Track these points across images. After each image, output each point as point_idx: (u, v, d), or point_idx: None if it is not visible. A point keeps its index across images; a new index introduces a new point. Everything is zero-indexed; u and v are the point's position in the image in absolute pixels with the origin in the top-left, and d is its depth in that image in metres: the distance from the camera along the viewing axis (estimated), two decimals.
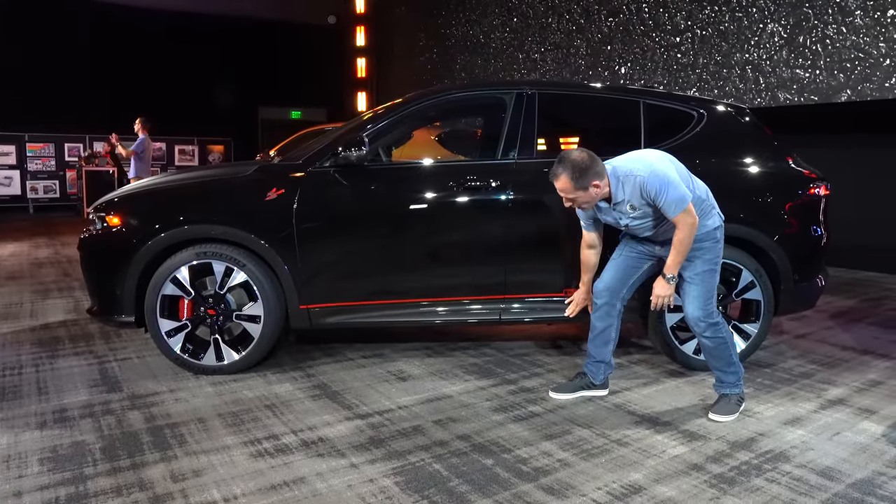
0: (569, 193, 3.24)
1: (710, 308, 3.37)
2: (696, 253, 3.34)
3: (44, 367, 4.14)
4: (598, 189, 3.23)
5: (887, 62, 6.61)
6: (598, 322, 3.65)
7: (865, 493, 2.70)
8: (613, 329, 3.66)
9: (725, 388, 3.51)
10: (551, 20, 10.78)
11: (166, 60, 15.90)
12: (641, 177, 3.19)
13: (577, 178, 3.18)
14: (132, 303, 3.90)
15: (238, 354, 3.96)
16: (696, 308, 3.37)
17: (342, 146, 3.88)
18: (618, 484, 2.75)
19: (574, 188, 3.21)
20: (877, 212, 7.84)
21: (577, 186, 3.20)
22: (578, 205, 3.32)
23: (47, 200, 15.49)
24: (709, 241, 3.36)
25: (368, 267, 4.03)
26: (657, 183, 3.16)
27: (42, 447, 3.03)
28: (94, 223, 4.04)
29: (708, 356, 3.51)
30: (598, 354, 3.69)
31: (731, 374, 3.49)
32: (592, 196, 3.25)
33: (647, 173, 3.18)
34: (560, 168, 3.21)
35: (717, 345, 3.43)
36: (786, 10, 7.46)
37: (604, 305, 3.60)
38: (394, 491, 2.67)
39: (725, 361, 3.46)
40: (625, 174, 3.24)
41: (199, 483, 2.72)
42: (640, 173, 3.20)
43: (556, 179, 3.24)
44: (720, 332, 3.41)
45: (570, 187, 3.21)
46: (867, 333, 5.16)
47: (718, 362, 3.48)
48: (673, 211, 3.17)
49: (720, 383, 3.53)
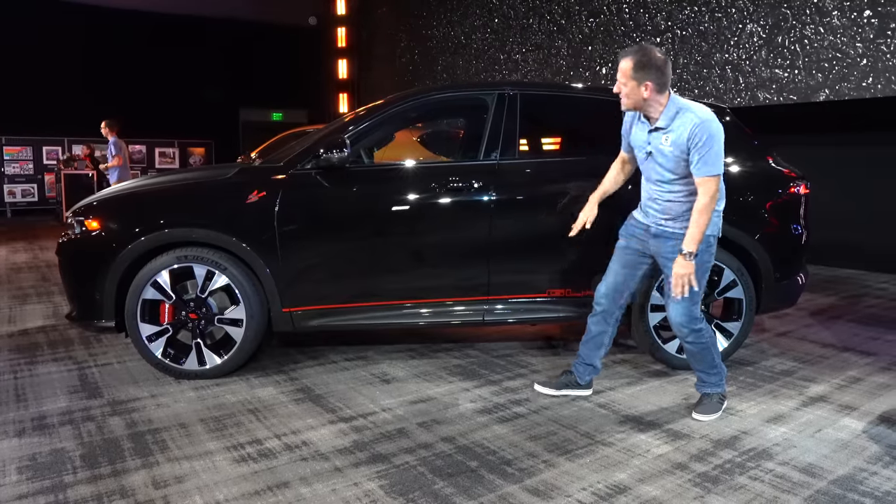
0: (623, 77, 3.21)
1: (693, 313, 3.35)
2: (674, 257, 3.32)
3: (22, 374, 4.09)
4: (647, 92, 3.17)
5: (864, 62, 6.68)
6: (593, 326, 3.66)
7: (847, 489, 2.72)
8: (607, 335, 3.67)
9: (707, 387, 3.53)
10: (532, 21, 10.80)
11: (146, 62, 15.78)
12: (699, 120, 3.12)
13: (638, 68, 3.16)
14: (112, 307, 3.86)
15: (220, 358, 3.93)
16: (679, 314, 3.35)
17: (324, 148, 3.85)
18: (602, 484, 2.75)
19: (631, 75, 3.18)
20: (856, 209, 7.94)
21: (633, 75, 3.18)
22: (625, 95, 3.24)
23: (25, 204, 15.32)
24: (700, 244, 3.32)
25: (351, 269, 4.01)
26: (706, 134, 3.10)
27: (21, 455, 2.98)
28: (73, 227, 3.99)
29: (690, 358, 3.53)
30: (588, 357, 3.71)
31: (713, 376, 3.51)
32: (639, 95, 3.19)
33: (704, 120, 3.12)
34: (632, 51, 3.20)
35: (699, 349, 3.44)
36: (764, 11, 7.53)
37: (602, 312, 3.61)
38: (378, 494, 2.66)
39: (708, 364, 3.48)
40: (685, 108, 3.19)
41: (182, 489, 2.69)
42: (700, 116, 3.14)
43: (623, 58, 3.22)
44: (702, 338, 3.41)
45: (628, 72, 3.18)
46: (847, 330, 5.21)
47: (701, 364, 3.50)
48: (702, 170, 3.11)
49: (702, 383, 3.55)
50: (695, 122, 3.12)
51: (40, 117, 14.72)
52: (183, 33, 16.25)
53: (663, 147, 3.23)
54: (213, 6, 16.23)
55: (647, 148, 3.32)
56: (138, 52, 15.73)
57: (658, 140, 3.25)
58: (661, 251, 3.38)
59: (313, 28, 17.15)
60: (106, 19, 15.36)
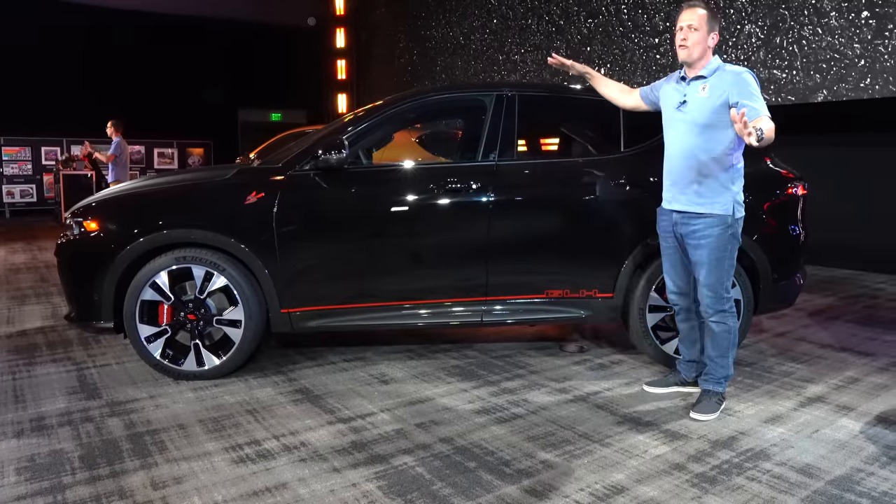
0: (697, 23, 3.29)
1: (719, 293, 3.42)
2: (703, 241, 3.37)
3: (21, 375, 4.09)
4: (713, 42, 3.33)
5: (862, 63, 6.69)
6: (681, 324, 3.74)
7: (844, 489, 2.73)
8: (697, 329, 3.71)
9: (710, 382, 3.54)
10: (531, 22, 10.81)
11: (145, 62, 15.76)
12: (741, 69, 3.30)
13: (710, 20, 3.32)
14: (111, 308, 3.86)
15: (219, 359, 3.93)
16: (709, 296, 3.43)
17: (322, 149, 3.86)
18: (600, 485, 2.76)
19: (704, 23, 3.30)
20: (854, 210, 7.95)
21: (707, 25, 3.30)
22: (692, 43, 3.30)
23: (24, 205, 15.30)
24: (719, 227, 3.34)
25: (350, 270, 4.02)
26: (754, 86, 3.23)
27: (19, 456, 2.98)
28: (71, 228, 3.99)
29: (710, 345, 3.54)
30: (688, 354, 3.78)
31: (720, 368, 3.51)
32: (704, 45, 3.31)
33: (745, 70, 3.29)
34: (697, 2, 3.34)
35: (721, 331, 3.47)
36: (763, 12, 7.54)
37: (682, 311, 3.69)
38: (377, 495, 2.66)
39: (722, 351, 3.50)
40: (728, 67, 3.33)
41: (180, 490, 2.69)
42: (741, 69, 3.31)
43: (691, 7, 3.32)
44: (727, 320, 3.47)
45: (704, 19, 3.29)
46: (845, 331, 5.22)
47: (716, 350, 3.51)
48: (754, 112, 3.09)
49: (707, 376, 3.56)
50: (741, 73, 3.26)
51: (39, 118, 14.70)
52: (182, 34, 16.24)
53: (700, 95, 3.34)
54: (212, 7, 16.22)
55: (681, 98, 3.40)
56: (137, 52, 15.72)
57: (696, 89, 3.36)
58: (687, 233, 3.44)
59: (312, 29, 17.14)
60: (105, 19, 15.34)
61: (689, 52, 3.33)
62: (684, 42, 3.32)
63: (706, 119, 3.31)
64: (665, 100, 3.54)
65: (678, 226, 3.47)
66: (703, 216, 3.37)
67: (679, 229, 3.48)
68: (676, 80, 3.49)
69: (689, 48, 3.32)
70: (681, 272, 3.61)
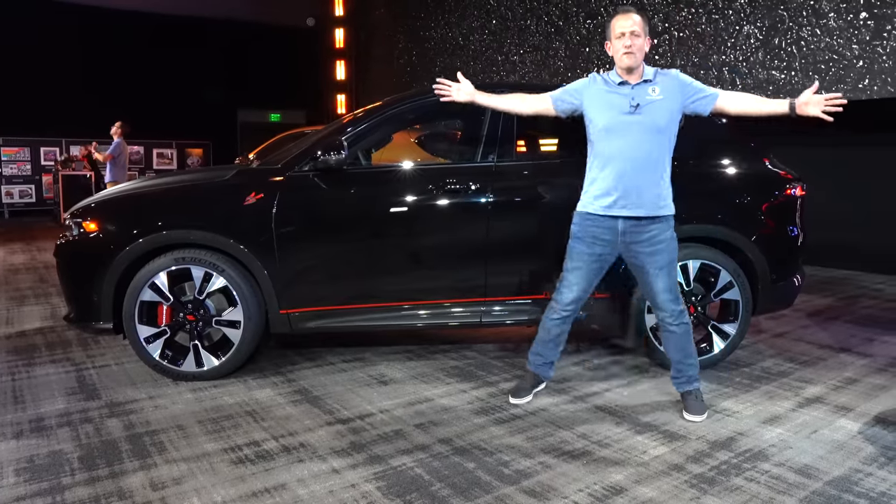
0: (638, 29, 3.30)
1: (678, 293, 3.44)
2: (660, 246, 3.35)
3: (20, 376, 4.09)
4: (648, 46, 3.37)
5: (860, 63, 6.70)
6: (555, 328, 3.62)
7: (842, 490, 2.73)
8: (567, 332, 3.67)
9: (687, 383, 3.54)
10: (530, 22, 10.81)
11: (144, 63, 15.77)
12: (676, 71, 3.44)
13: (645, 25, 3.35)
14: (110, 309, 3.86)
15: (218, 360, 3.93)
16: (670, 300, 3.41)
17: (321, 150, 3.86)
18: (599, 485, 2.76)
19: (643, 29, 3.32)
20: (852, 211, 7.95)
21: (644, 30, 3.33)
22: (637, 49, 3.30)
23: (23, 205, 15.30)
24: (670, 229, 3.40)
25: (349, 271, 4.02)
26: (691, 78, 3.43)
27: (18, 457, 2.99)
28: (70, 229, 3.99)
29: (674, 349, 3.51)
30: (552, 356, 3.70)
31: (691, 367, 3.53)
32: (644, 48, 3.34)
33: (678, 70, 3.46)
34: (632, 7, 3.38)
35: (683, 331, 3.46)
36: (761, 13, 7.54)
37: (569, 315, 3.58)
38: (376, 496, 2.66)
39: (688, 351, 3.50)
40: (659, 70, 3.42)
41: (180, 491, 2.70)
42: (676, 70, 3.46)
43: (629, 13, 3.33)
44: (686, 319, 3.47)
45: (642, 26, 3.32)
46: (844, 331, 5.22)
47: (683, 352, 3.50)
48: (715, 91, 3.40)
49: (683, 378, 3.54)
50: (672, 72, 3.42)
51: (38, 118, 14.70)
52: (181, 34, 16.24)
53: (653, 97, 3.33)
54: (211, 7, 16.22)
55: (630, 102, 3.33)
56: (136, 52, 15.72)
57: (645, 92, 3.34)
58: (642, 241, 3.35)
59: (311, 29, 17.14)
60: (105, 20, 15.35)
61: (636, 57, 3.30)
62: (630, 49, 3.29)
63: (666, 121, 3.33)
64: (602, 106, 3.39)
65: (627, 234, 3.36)
66: (658, 220, 3.34)
67: (628, 237, 3.37)
68: (613, 85, 3.38)
69: (636, 54, 3.29)
70: (591, 280, 3.51)
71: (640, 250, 3.37)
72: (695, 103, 3.39)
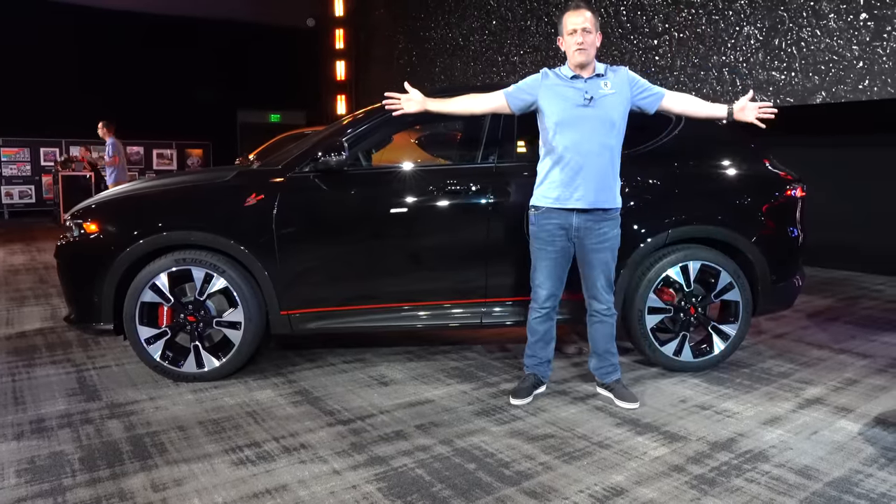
0: (589, 26, 3.37)
1: (612, 286, 3.61)
2: (607, 244, 3.50)
3: (20, 377, 4.09)
4: (599, 41, 3.45)
5: (860, 64, 6.70)
6: (539, 326, 3.69)
7: (843, 490, 2.74)
8: (553, 328, 3.75)
9: (613, 373, 3.74)
10: (530, 23, 10.82)
11: (144, 63, 15.79)
12: (626, 68, 3.55)
13: (596, 21, 3.42)
14: (110, 310, 3.86)
15: (218, 361, 3.94)
16: (607, 291, 3.58)
17: (322, 151, 3.87)
18: (600, 486, 2.77)
19: (594, 25, 3.39)
20: (853, 211, 7.96)
21: (595, 26, 3.40)
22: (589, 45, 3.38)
23: (23, 206, 15.32)
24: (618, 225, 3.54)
25: (349, 272, 4.02)
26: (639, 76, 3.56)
27: (19, 458, 2.99)
28: (71, 230, 4.00)
29: (602, 339, 3.69)
30: (546, 355, 3.77)
31: (614, 355, 3.73)
32: (596, 43, 3.42)
33: None
34: (582, 3, 3.43)
35: (614, 322, 3.66)
36: (761, 13, 7.55)
37: (549, 311, 3.65)
38: (377, 497, 2.67)
39: (613, 341, 3.69)
40: (612, 66, 3.54)
41: (180, 492, 2.70)
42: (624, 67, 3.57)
43: (581, 10, 3.39)
44: (615, 309, 3.67)
45: (593, 22, 3.39)
46: (844, 332, 5.22)
47: (610, 343, 3.69)
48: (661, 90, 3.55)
49: (608, 367, 3.73)
50: (622, 68, 3.52)
51: (38, 119, 14.72)
52: (181, 34, 16.26)
53: (605, 91, 3.42)
54: (211, 7, 16.23)
55: (584, 95, 3.40)
56: (136, 53, 15.74)
57: (598, 86, 3.43)
58: (591, 235, 3.48)
59: (311, 29, 17.15)
60: (104, 20, 15.37)
61: (588, 53, 3.40)
62: (582, 45, 3.37)
63: (619, 114, 3.44)
64: (556, 99, 3.45)
65: (580, 229, 3.46)
66: (609, 212, 3.47)
67: (580, 232, 3.47)
68: (566, 79, 3.46)
69: (588, 50, 3.39)
70: (560, 274, 3.60)
71: (589, 245, 3.50)
72: (642, 100, 3.52)
